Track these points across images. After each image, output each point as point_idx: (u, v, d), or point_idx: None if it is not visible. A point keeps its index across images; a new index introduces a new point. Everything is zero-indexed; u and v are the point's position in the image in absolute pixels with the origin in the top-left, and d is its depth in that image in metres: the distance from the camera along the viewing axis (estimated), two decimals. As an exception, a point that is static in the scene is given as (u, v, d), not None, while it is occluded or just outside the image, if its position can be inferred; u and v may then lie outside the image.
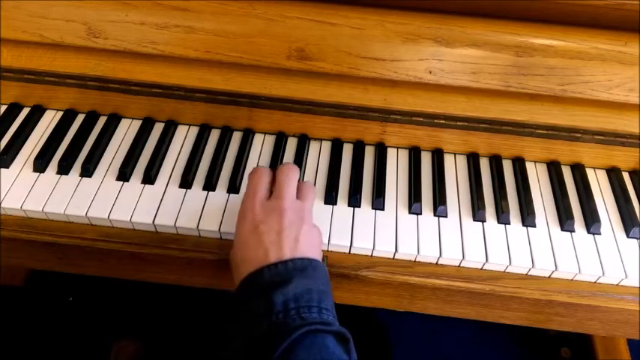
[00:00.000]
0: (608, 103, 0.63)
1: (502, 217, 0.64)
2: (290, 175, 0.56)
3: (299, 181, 0.57)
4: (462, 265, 0.61)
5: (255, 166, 0.68)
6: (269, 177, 0.57)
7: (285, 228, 0.51)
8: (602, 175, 0.71)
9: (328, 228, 0.61)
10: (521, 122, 0.66)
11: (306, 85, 0.66)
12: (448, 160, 0.71)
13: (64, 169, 0.66)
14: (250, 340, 0.46)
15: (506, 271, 0.61)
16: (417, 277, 0.60)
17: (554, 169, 0.70)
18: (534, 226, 0.64)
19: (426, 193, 0.66)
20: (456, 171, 0.70)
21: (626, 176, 0.70)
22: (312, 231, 0.53)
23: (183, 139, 0.71)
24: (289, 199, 0.54)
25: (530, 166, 0.71)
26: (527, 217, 0.64)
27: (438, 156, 0.70)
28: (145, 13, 0.63)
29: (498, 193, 0.66)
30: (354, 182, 0.67)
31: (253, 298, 0.48)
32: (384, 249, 0.60)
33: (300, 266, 0.49)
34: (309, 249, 0.51)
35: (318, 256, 0.52)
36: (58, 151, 0.68)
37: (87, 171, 0.65)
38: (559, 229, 0.64)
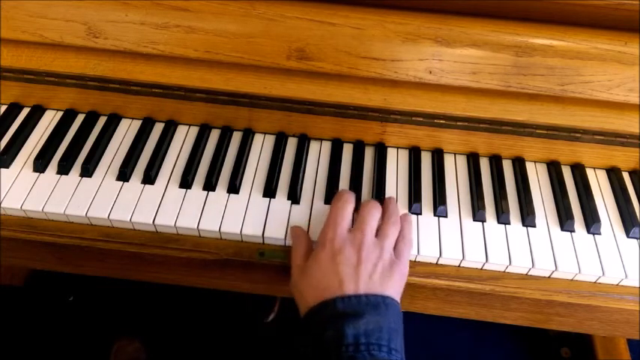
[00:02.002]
0: (608, 103, 0.63)
1: (502, 217, 0.64)
2: (373, 211, 0.56)
3: (384, 216, 0.58)
4: (461, 265, 0.61)
5: (256, 165, 0.68)
6: (353, 205, 0.57)
7: (362, 262, 0.51)
8: (602, 175, 0.71)
9: (328, 228, 0.61)
10: (521, 122, 0.66)
11: (306, 85, 0.66)
12: (448, 160, 0.71)
13: (64, 169, 0.66)
14: None
15: (506, 271, 0.61)
16: (417, 277, 0.60)
17: (554, 169, 0.70)
18: (534, 226, 0.64)
19: (426, 193, 0.66)
20: (456, 171, 0.70)
21: (626, 176, 0.70)
22: (389, 269, 0.53)
23: (183, 139, 0.71)
24: (369, 235, 0.54)
25: (530, 166, 0.71)
26: (527, 217, 0.64)
27: (438, 156, 0.70)
28: (145, 13, 0.63)
29: (498, 193, 0.66)
30: (354, 182, 0.67)
31: (323, 325, 0.48)
32: (384, 249, 0.60)
33: (374, 302, 0.49)
34: (384, 286, 0.51)
35: (394, 294, 0.52)
36: (58, 151, 0.68)
37: (87, 171, 0.65)
38: (559, 229, 0.64)
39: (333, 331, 0.47)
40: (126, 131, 0.72)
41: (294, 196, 0.65)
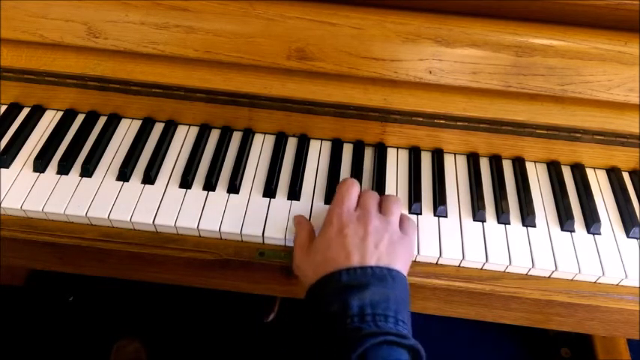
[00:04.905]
0: (608, 103, 0.63)
1: (502, 217, 0.64)
2: (372, 197, 0.57)
3: (383, 196, 0.59)
4: (461, 265, 0.61)
5: (256, 165, 0.68)
6: (358, 189, 0.58)
7: (369, 234, 0.51)
8: (602, 175, 0.71)
9: (328, 228, 0.61)
10: (521, 122, 0.66)
11: (306, 85, 0.66)
12: (448, 160, 0.71)
13: (64, 169, 0.66)
14: (323, 341, 0.46)
15: (506, 271, 0.61)
16: (417, 277, 0.60)
17: (554, 169, 0.70)
18: (534, 226, 0.64)
19: (426, 193, 0.66)
20: (456, 171, 0.70)
21: (626, 176, 0.70)
22: (396, 243, 0.53)
23: (183, 139, 0.71)
24: (374, 211, 0.55)
25: (530, 166, 0.71)
26: (527, 217, 0.64)
27: (438, 156, 0.70)
28: (145, 13, 0.63)
29: (498, 193, 0.66)
30: (354, 182, 0.67)
31: (328, 298, 0.48)
32: (384, 249, 0.60)
33: (379, 274, 0.49)
34: (391, 259, 0.51)
35: (401, 267, 0.52)
36: (58, 151, 0.68)
37: (87, 171, 0.65)
38: (559, 229, 0.64)
39: (338, 304, 0.46)
40: (126, 131, 0.72)
41: (294, 196, 0.65)
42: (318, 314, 0.48)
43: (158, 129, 0.72)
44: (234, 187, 0.65)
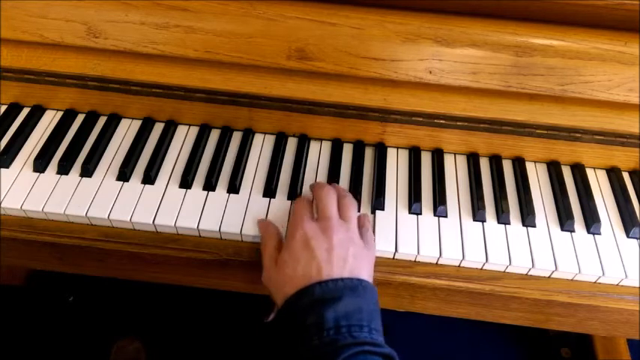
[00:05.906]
0: (608, 103, 0.63)
1: (502, 217, 0.64)
2: (329, 196, 0.58)
3: (339, 197, 0.59)
4: (462, 265, 0.61)
5: (256, 165, 0.68)
6: (311, 198, 0.59)
7: (335, 246, 0.52)
8: (602, 175, 0.71)
9: (328, 228, 0.61)
10: (521, 122, 0.66)
11: (306, 85, 0.66)
12: (448, 160, 0.71)
13: (64, 169, 0.66)
14: (298, 355, 0.47)
15: (506, 271, 0.61)
16: (417, 277, 0.60)
17: (554, 169, 0.70)
18: (534, 226, 0.64)
19: (425, 193, 0.66)
20: (456, 171, 0.70)
21: (626, 176, 0.70)
22: (361, 252, 0.54)
23: (183, 139, 0.71)
24: (335, 219, 0.55)
25: (530, 166, 0.71)
26: (527, 217, 0.64)
27: (438, 156, 0.70)
28: (145, 13, 0.63)
29: (498, 193, 0.66)
30: (354, 182, 0.67)
31: (303, 312, 0.49)
32: (384, 249, 0.60)
33: (351, 285, 0.50)
34: (359, 269, 0.52)
35: (367, 276, 0.53)
36: (58, 151, 0.68)
37: (87, 171, 0.65)
38: (559, 229, 0.64)
39: (314, 317, 0.48)
40: (126, 131, 0.72)
41: (294, 197, 0.65)
42: (294, 327, 0.49)
43: (158, 129, 0.72)
44: (234, 187, 0.65)
